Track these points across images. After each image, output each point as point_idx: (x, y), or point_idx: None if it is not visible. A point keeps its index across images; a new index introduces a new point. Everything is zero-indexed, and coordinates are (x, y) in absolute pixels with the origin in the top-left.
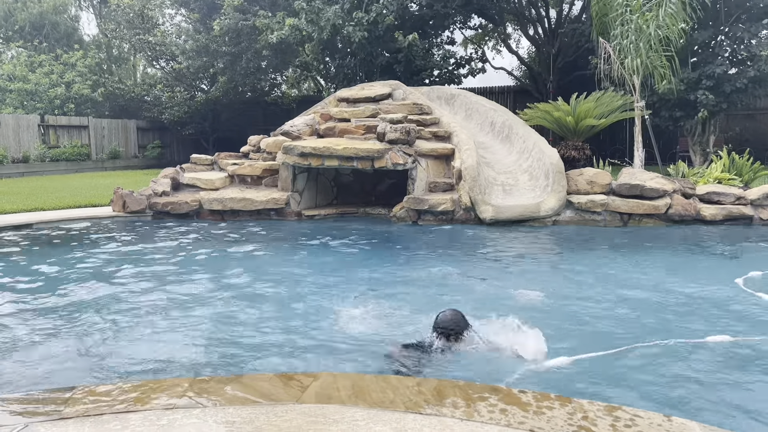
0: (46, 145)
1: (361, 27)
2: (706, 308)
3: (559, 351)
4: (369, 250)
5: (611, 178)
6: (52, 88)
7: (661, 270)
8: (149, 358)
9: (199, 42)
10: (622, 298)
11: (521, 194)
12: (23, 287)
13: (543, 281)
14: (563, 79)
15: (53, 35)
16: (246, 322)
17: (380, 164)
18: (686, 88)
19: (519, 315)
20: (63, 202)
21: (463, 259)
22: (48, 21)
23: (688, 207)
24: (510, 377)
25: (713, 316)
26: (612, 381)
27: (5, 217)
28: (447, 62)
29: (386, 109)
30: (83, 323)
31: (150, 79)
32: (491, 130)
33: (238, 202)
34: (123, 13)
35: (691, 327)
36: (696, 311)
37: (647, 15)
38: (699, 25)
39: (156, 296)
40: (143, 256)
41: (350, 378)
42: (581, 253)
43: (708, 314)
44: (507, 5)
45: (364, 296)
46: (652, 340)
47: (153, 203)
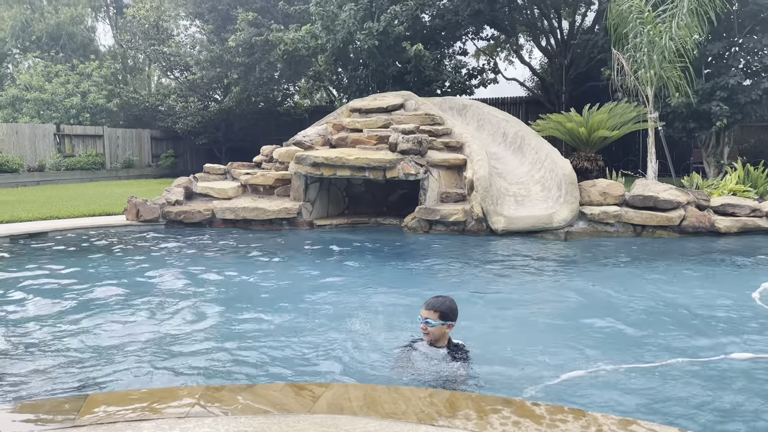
0: (62, 154)
1: (371, 36)
2: (721, 322)
3: (574, 364)
4: (381, 260)
5: (624, 190)
6: (68, 98)
7: (676, 283)
8: (161, 365)
9: (213, 53)
10: (635, 312)
11: (533, 205)
12: (36, 293)
13: (559, 292)
14: (576, 90)
15: (70, 46)
16: (259, 331)
17: (392, 174)
18: (700, 99)
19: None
20: (77, 210)
21: (474, 271)
22: (65, 32)
23: (702, 219)
24: (524, 390)
25: (728, 330)
26: (627, 395)
27: (21, 225)
28: (459, 73)
29: (398, 119)
30: (96, 330)
31: (164, 89)
32: (503, 141)
33: (251, 212)
34: (138, 24)
35: (707, 342)
36: (711, 325)
37: (660, 27)
38: (713, 37)
39: (165, 304)
40: (155, 263)
41: (362, 388)
42: (596, 266)
43: (723, 329)
44: (519, 16)
45: (376, 307)
46: (666, 357)
47: (166, 212)
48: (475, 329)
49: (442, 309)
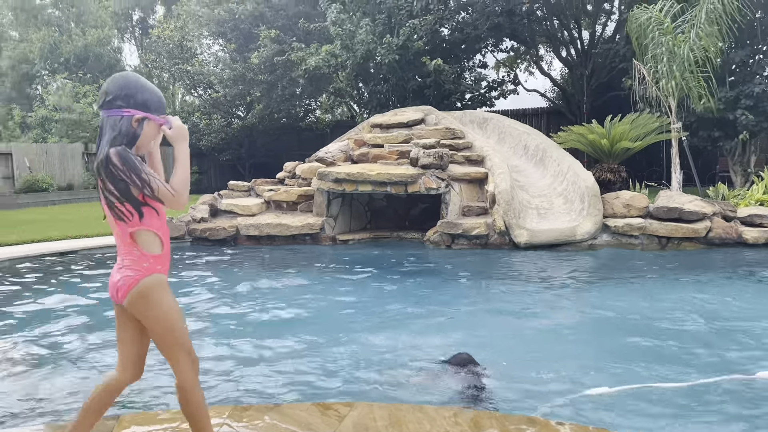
0: (90, 173)
1: (391, 51)
2: (753, 337)
3: (600, 380)
4: (404, 276)
5: (648, 201)
6: (96, 118)
7: (704, 296)
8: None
9: (236, 71)
10: (663, 327)
11: (556, 218)
12: (67, 312)
13: (583, 306)
14: (597, 100)
15: (97, 66)
16: (284, 348)
17: (413, 189)
18: (724, 107)
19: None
20: (106, 228)
21: (498, 286)
22: (92, 53)
23: (729, 230)
24: (547, 406)
25: (761, 346)
26: (654, 414)
27: (52, 244)
28: (479, 85)
29: (419, 134)
30: None
31: (188, 107)
32: (525, 154)
33: (274, 228)
34: (163, 44)
35: (737, 357)
36: (741, 340)
37: (680, 37)
38: (736, 45)
39: (192, 322)
40: (181, 281)
41: (387, 408)
42: (621, 280)
43: (755, 344)
44: (539, 28)
45: (400, 323)
46: (695, 375)
47: (192, 229)
48: (498, 344)
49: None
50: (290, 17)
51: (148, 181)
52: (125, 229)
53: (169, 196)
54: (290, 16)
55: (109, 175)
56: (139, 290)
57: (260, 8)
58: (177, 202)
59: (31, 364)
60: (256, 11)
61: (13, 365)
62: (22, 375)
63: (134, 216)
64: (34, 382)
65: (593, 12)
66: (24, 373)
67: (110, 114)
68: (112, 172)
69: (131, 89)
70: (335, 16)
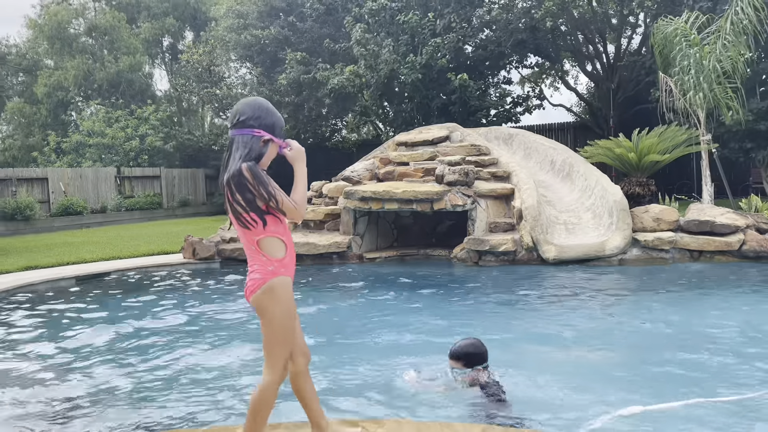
0: (122, 196)
1: (414, 70)
2: None
3: (631, 399)
4: (432, 293)
5: (678, 215)
6: (128, 142)
7: (738, 311)
8: (217, 403)
9: (263, 94)
10: (695, 344)
11: (585, 233)
12: (98, 332)
13: (614, 323)
14: (624, 114)
15: (129, 92)
16: (312, 366)
17: (439, 206)
18: (755, 118)
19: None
20: (138, 250)
21: (526, 303)
22: (124, 79)
23: (763, 243)
24: (578, 426)
25: None
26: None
27: (86, 266)
28: (504, 101)
29: (444, 151)
30: (154, 368)
31: (217, 129)
32: (551, 169)
33: (302, 247)
34: (192, 69)
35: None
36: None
37: (706, 49)
38: (766, 55)
39: (222, 340)
40: (211, 300)
41: (415, 425)
42: (652, 295)
43: None
44: (563, 43)
45: (428, 342)
46: (730, 393)
47: (221, 249)
48: (528, 363)
49: (466, 357)
50: (315, 39)
51: (274, 194)
52: (251, 237)
53: (292, 208)
54: (315, 38)
55: (238, 187)
56: (264, 291)
57: (284, 32)
58: (298, 213)
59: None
60: (281, 35)
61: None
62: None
63: (258, 224)
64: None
65: (618, 26)
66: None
67: (242, 133)
68: (243, 183)
69: (262, 112)
70: (359, 35)
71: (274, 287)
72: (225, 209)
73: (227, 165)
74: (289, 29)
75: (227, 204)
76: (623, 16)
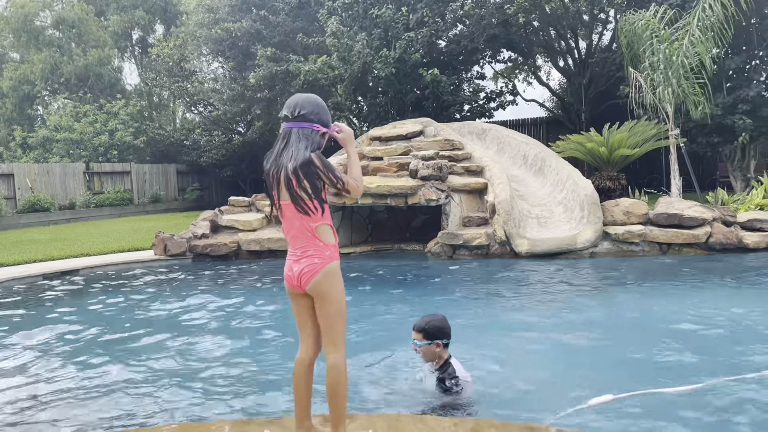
0: (91, 192)
1: (388, 64)
2: (752, 341)
3: (602, 389)
4: (405, 288)
5: (648, 208)
6: (96, 137)
7: (706, 301)
8: (190, 400)
9: (235, 90)
10: (664, 334)
11: (556, 227)
12: (65, 332)
13: (584, 315)
14: (596, 109)
15: (97, 86)
16: (288, 359)
17: (414, 201)
18: (722, 113)
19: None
20: (107, 247)
21: (499, 296)
22: (92, 73)
23: (729, 235)
24: (550, 415)
25: (758, 349)
26: (656, 421)
27: (54, 263)
28: (477, 96)
29: (418, 146)
30: (130, 367)
31: (188, 124)
32: (524, 163)
33: (276, 242)
34: (163, 63)
35: (738, 362)
36: (738, 344)
37: (675, 45)
38: (732, 51)
39: (195, 338)
40: (182, 297)
41: (387, 419)
42: (622, 287)
43: (752, 347)
44: (536, 38)
45: (402, 335)
46: (697, 380)
47: (193, 246)
48: (500, 354)
49: (427, 329)
50: (287, 33)
51: (341, 177)
52: (308, 224)
53: (355, 186)
54: (287, 32)
55: (307, 175)
56: (325, 273)
57: (256, 26)
58: (359, 190)
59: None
60: (252, 29)
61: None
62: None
63: (318, 211)
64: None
65: (589, 22)
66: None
67: (302, 126)
68: (313, 171)
69: (320, 110)
70: (335, 27)
71: (334, 270)
72: (271, 196)
73: (280, 155)
74: (262, 23)
75: (285, 191)
76: (594, 12)
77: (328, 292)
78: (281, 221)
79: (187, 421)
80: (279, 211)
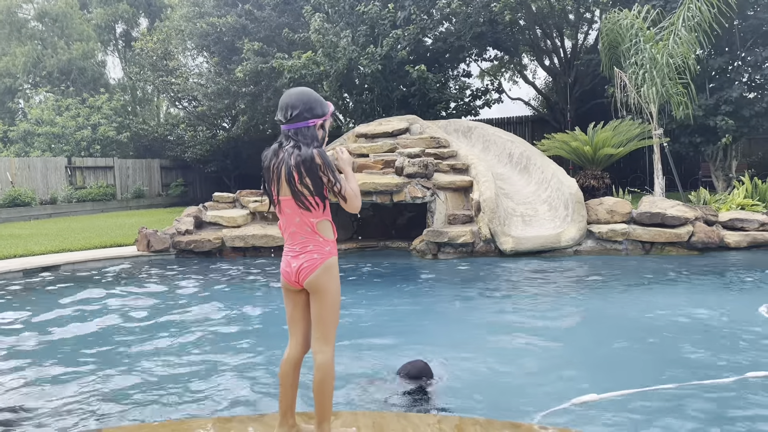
0: (73, 187)
1: (374, 61)
2: (736, 340)
3: (584, 388)
4: (390, 286)
5: (631, 207)
6: (79, 131)
7: (685, 299)
8: (173, 397)
9: (220, 85)
10: (645, 333)
11: (541, 225)
12: (48, 327)
13: (568, 314)
14: (581, 108)
15: (80, 80)
16: (272, 356)
17: (399, 198)
18: (705, 113)
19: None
20: (89, 242)
21: (483, 294)
22: (75, 66)
23: (711, 234)
24: (533, 414)
25: (738, 348)
26: (637, 419)
27: (34, 258)
28: (463, 94)
29: (404, 143)
30: (111, 363)
31: (173, 119)
32: (509, 162)
33: (260, 239)
34: (147, 57)
35: (719, 360)
36: (723, 343)
37: (659, 45)
38: (715, 52)
39: (176, 335)
40: (166, 294)
41: (371, 416)
42: (605, 286)
43: (737, 347)
44: (522, 37)
45: (386, 334)
46: (677, 379)
47: (176, 242)
48: (484, 352)
49: (408, 376)
50: (273, 29)
51: (339, 179)
52: (308, 219)
53: (352, 195)
54: (273, 27)
55: (309, 171)
56: (324, 268)
57: (242, 21)
58: (356, 200)
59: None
60: (238, 24)
61: None
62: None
63: (319, 207)
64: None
65: (575, 21)
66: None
67: (298, 126)
68: (314, 168)
69: (312, 103)
70: (318, 24)
71: (332, 266)
72: (269, 193)
73: (281, 150)
74: (247, 18)
75: (286, 187)
76: (580, 11)
77: (326, 286)
78: (279, 217)
79: (169, 419)
80: (277, 207)
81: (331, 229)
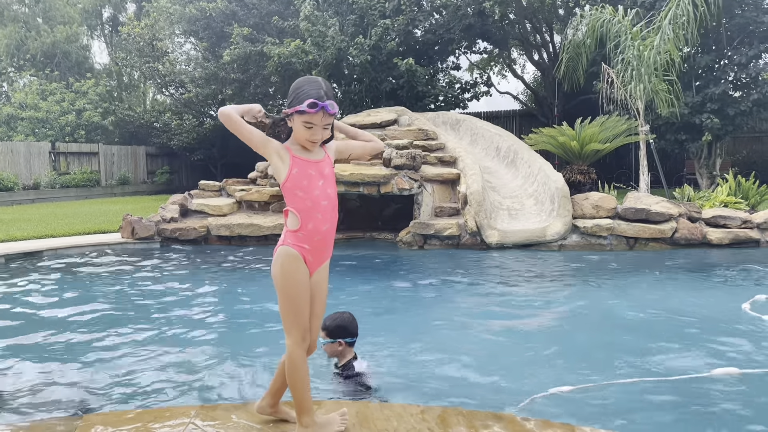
0: (57, 172)
1: (363, 51)
2: (712, 335)
3: (563, 378)
4: (375, 276)
5: (617, 203)
6: (63, 116)
7: (667, 296)
8: (157, 384)
9: (208, 70)
10: (626, 326)
11: (527, 219)
12: (28, 313)
13: (549, 306)
14: (569, 103)
15: (65, 64)
16: (256, 345)
17: (386, 189)
18: (691, 111)
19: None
20: (73, 228)
21: (467, 286)
22: (60, 50)
23: (694, 231)
24: (513, 404)
25: (719, 343)
26: (615, 410)
27: (16, 244)
28: (452, 87)
29: (392, 134)
30: (91, 350)
31: (159, 106)
32: (497, 155)
33: (246, 228)
34: (134, 42)
35: (698, 355)
36: (702, 338)
37: (647, 42)
38: (702, 50)
39: (160, 323)
40: (150, 282)
41: (354, 406)
42: (588, 280)
43: (714, 341)
44: (511, 31)
45: (366, 325)
46: (656, 372)
47: (161, 229)
48: (466, 344)
49: (330, 327)
50: (263, 16)
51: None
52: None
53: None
54: (263, 14)
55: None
56: (275, 257)
57: (232, 6)
58: (365, 145)
59: None
60: (228, 9)
61: None
62: None
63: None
64: None
65: (564, 16)
66: None
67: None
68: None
69: (291, 94)
70: (308, 11)
71: (280, 255)
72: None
73: None
74: (237, 4)
75: None
76: (570, 7)
77: (275, 275)
78: None
79: (153, 406)
80: None
81: (293, 220)
